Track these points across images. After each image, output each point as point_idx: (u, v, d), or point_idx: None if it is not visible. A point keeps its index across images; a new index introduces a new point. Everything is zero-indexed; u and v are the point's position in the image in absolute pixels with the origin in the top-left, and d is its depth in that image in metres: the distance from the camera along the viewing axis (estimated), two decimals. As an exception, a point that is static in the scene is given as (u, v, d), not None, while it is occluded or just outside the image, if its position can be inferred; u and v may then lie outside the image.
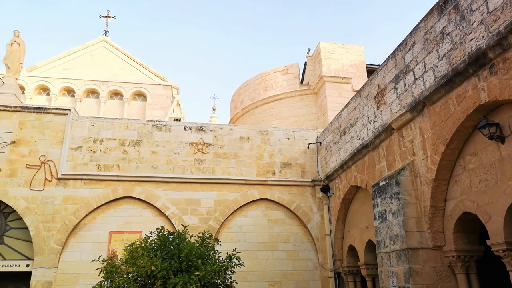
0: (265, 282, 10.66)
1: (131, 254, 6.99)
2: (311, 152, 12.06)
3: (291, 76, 18.36)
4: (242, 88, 20.62)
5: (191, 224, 10.26)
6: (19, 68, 12.18)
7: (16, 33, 12.31)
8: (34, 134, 10.67)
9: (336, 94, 16.44)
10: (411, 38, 7.15)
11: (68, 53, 20.24)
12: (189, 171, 11.18)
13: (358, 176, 9.42)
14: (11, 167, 10.28)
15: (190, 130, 11.64)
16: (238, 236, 11.00)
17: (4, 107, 10.69)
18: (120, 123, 11.35)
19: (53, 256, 9.82)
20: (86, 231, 10.30)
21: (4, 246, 10.01)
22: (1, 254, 9.93)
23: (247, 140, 11.85)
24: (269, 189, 11.46)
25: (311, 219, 11.38)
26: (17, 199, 10.05)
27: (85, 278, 9.68)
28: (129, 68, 20.45)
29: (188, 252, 6.87)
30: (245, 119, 20.02)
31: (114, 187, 10.67)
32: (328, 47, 17.35)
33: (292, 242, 11.21)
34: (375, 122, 8.44)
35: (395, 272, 6.76)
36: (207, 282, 6.60)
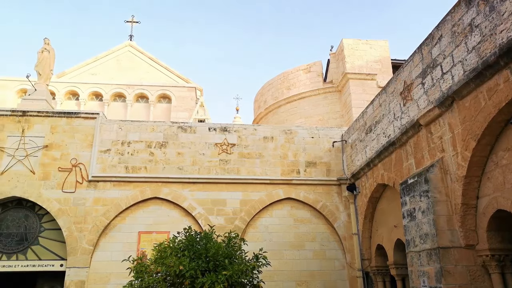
0: (292, 281, 10.62)
1: (160, 254, 7.12)
2: (336, 150, 11.93)
3: (314, 74, 18.22)
4: (265, 88, 20.63)
5: (217, 224, 10.35)
6: (49, 75, 12.62)
7: (46, 40, 12.76)
8: (65, 138, 11.03)
9: (360, 91, 16.19)
10: (438, 32, 6.96)
11: (96, 59, 20.84)
12: (214, 171, 11.29)
13: (385, 174, 9.25)
14: (44, 170, 10.67)
15: (214, 131, 11.74)
16: (264, 235, 11.02)
17: (37, 112, 11.12)
18: (147, 125, 11.58)
19: (86, 256, 10.13)
20: (116, 232, 10.57)
21: (39, 246, 10.41)
22: (37, 254, 10.33)
23: (271, 139, 11.84)
24: (294, 189, 11.42)
25: (338, 218, 11.26)
26: (51, 201, 10.42)
27: (116, 277, 9.94)
28: (154, 71, 20.85)
29: (215, 252, 6.94)
30: (268, 119, 20.02)
31: (142, 188, 10.90)
32: (352, 44, 17.11)
33: (319, 241, 11.12)
34: (401, 118, 8.26)
35: (425, 271, 6.60)
36: (234, 282, 6.64)
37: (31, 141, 10.83)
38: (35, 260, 10.23)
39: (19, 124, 10.96)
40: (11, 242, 10.33)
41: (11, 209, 10.65)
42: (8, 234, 10.39)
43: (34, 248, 10.37)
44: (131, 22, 22.17)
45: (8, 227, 10.46)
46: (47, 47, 12.63)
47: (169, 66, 21.26)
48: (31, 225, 10.56)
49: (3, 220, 10.51)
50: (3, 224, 10.46)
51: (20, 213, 10.63)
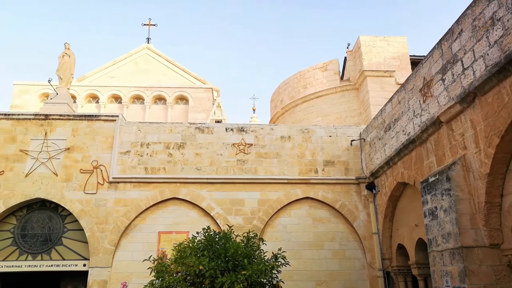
0: (312, 281, 10.57)
1: (180, 254, 7.20)
2: (354, 149, 11.81)
3: (331, 73, 18.08)
4: (282, 87, 20.59)
5: (236, 224, 10.38)
6: (70, 79, 12.91)
7: (66, 45, 13.06)
8: (86, 141, 11.27)
9: (378, 89, 15.99)
10: (458, 26, 6.80)
11: (114, 62, 21.22)
12: (232, 171, 11.33)
13: (405, 173, 9.10)
14: (67, 172, 10.93)
15: (231, 131, 11.78)
16: (282, 235, 11.00)
17: (59, 116, 11.39)
18: (165, 127, 11.72)
19: (107, 256, 10.32)
20: (136, 232, 10.73)
21: (63, 247, 10.67)
22: (61, 254, 10.59)
23: (288, 139, 11.81)
24: (312, 188, 11.35)
25: (357, 218, 11.14)
26: (73, 202, 10.67)
27: (137, 277, 10.09)
28: (171, 73, 21.08)
29: (234, 251, 6.97)
30: (285, 118, 19.97)
31: (161, 189, 11.04)
32: (369, 41, 16.91)
33: (338, 241, 11.03)
34: (421, 115, 8.12)
35: (449, 271, 6.46)
36: (253, 282, 6.66)
37: (54, 144, 11.11)
38: (59, 260, 10.48)
39: (42, 127, 11.26)
40: (36, 243, 10.62)
41: (36, 210, 10.95)
42: (33, 234, 10.68)
43: (58, 248, 10.63)
44: (148, 25, 22.47)
45: (33, 228, 10.75)
46: (67, 52, 12.92)
47: (186, 68, 21.45)
48: (55, 225, 10.83)
49: (28, 221, 10.81)
50: (28, 225, 10.76)
51: (44, 214, 10.91)
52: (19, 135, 11.13)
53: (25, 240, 10.62)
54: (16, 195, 10.59)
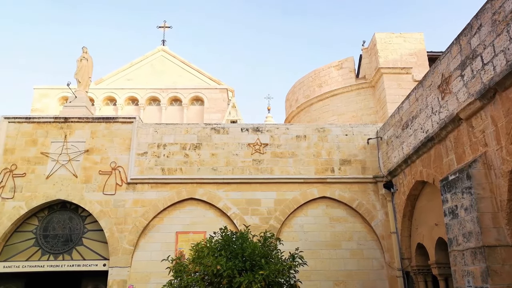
0: (330, 281, 10.50)
1: (197, 254, 7.25)
2: (371, 147, 11.68)
3: (346, 71, 17.91)
4: (296, 86, 20.52)
5: (252, 224, 10.39)
6: (88, 82, 13.16)
7: (84, 49, 13.31)
8: (104, 142, 11.46)
9: (395, 86, 15.76)
10: (477, 21, 6.65)
11: (131, 65, 21.53)
12: (247, 171, 11.35)
13: (424, 171, 8.95)
14: (86, 173, 11.13)
15: (247, 131, 11.80)
16: (299, 235, 10.96)
17: (77, 118, 11.62)
18: (181, 128, 11.81)
19: (127, 256, 10.47)
20: (154, 232, 10.86)
21: (83, 247, 10.88)
22: (81, 254, 10.80)
23: (304, 138, 11.76)
24: (329, 187, 11.28)
25: (375, 217, 11.01)
26: (92, 203, 10.86)
27: (156, 276, 10.20)
28: (187, 74, 21.25)
29: (251, 251, 6.98)
30: (300, 117, 19.89)
31: (178, 190, 11.14)
32: (385, 38, 16.68)
33: (356, 240, 10.93)
34: (440, 113, 7.97)
35: (470, 271, 6.33)
36: (271, 281, 6.66)
37: (73, 146, 11.33)
38: (80, 260, 10.69)
39: (61, 130, 11.50)
40: (57, 243, 10.86)
41: (57, 211, 11.19)
42: (55, 235, 10.92)
43: (78, 249, 10.84)
44: (163, 27, 22.71)
45: (54, 228, 11.00)
46: (85, 56, 13.17)
47: (200, 69, 21.61)
48: (75, 226, 11.05)
49: (50, 222, 11.06)
50: (50, 226, 11.01)
51: (65, 215, 11.15)
52: (39, 138, 11.40)
53: (47, 240, 10.87)
54: (38, 196, 10.84)
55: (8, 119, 11.50)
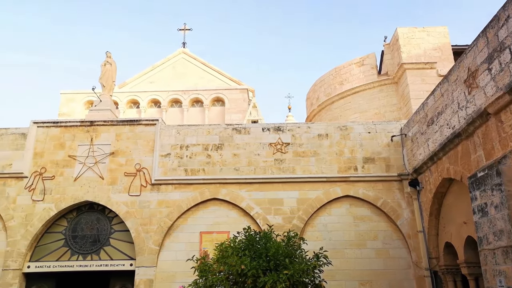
0: (355, 281, 10.37)
1: (221, 254, 7.30)
2: (395, 145, 11.46)
3: (368, 67, 17.66)
4: (317, 85, 20.37)
5: (276, 224, 10.38)
6: (112, 86, 13.45)
7: (108, 54, 13.61)
8: (129, 145, 11.70)
9: (419, 82, 15.43)
10: (505, 12, 6.42)
11: (152, 68, 21.91)
12: (269, 171, 11.35)
13: (451, 168, 8.72)
14: (112, 175, 11.39)
15: (268, 131, 11.80)
16: (323, 234, 10.87)
17: (103, 122, 11.91)
18: (203, 129, 11.92)
19: (152, 256, 10.65)
20: (179, 232, 11.00)
21: (111, 247, 11.13)
22: (109, 254, 11.06)
23: (326, 137, 11.66)
24: (352, 186, 11.14)
25: (400, 216, 10.80)
26: (119, 205, 11.10)
27: (181, 276, 10.33)
28: (207, 76, 21.44)
29: (275, 251, 6.98)
30: (321, 116, 19.74)
31: (201, 190, 11.25)
32: (407, 32, 16.36)
33: (381, 239, 10.75)
34: (467, 108, 7.74)
35: (502, 270, 6.12)
36: (296, 281, 6.64)
37: (99, 149, 11.62)
38: (107, 260, 10.95)
39: (88, 133, 11.81)
40: (85, 243, 11.16)
41: (84, 212, 11.50)
42: (83, 236, 11.23)
43: (106, 249, 11.11)
44: (184, 30, 22.99)
45: (82, 229, 11.30)
46: (109, 60, 13.46)
47: (221, 70, 21.76)
48: (103, 227, 11.33)
49: (78, 223, 11.38)
50: (78, 227, 11.33)
51: (93, 216, 11.44)
52: (67, 141, 11.74)
53: (75, 241, 11.18)
54: (66, 198, 11.17)
55: (37, 123, 11.89)
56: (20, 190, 11.27)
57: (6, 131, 11.91)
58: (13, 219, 10.99)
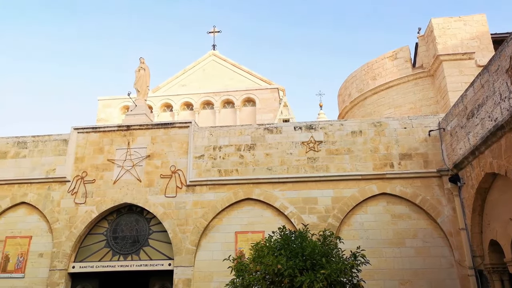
0: (395, 280, 10.10)
1: (257, 253, 7.32)
2: (433, 140, 11.07)
3: (402, 61, 17.17)
4: (349, 81, 20.03)
5: (311, 223, 10.30)
6: (146, 91, 13.83)
7: (141, 60, 14.01)
8: (164, 147, 11.98)
9: (456, 73, 14.83)
10: (550, -5, 6.04)
11: (184, 71, 22.35)
12: (303, 170, 11.27)
13: (494, 162, 8.31)
14: (149, 178, 11.71)
15: (300, 129, 11.73)
16: (360, 233, 10.67)
17: (139, 126, 12.26)
18: (235, 129, 12.02)
19: (190, 256, 10.85)
20: (214, 232, 11.14)
21: (150, 247, 11.44)
22: (148, 254, 11.37)
23: (360, 133, 11.44)
24: (388, 183, 10.87)
25: (441, 213, 10.42)
26: (156, 206, 11.39)
27: (218, 276, 10.47)
28: (238, 76, 21.61)
29: (311, 250, 6.92)
30: (354, 113, 19.39)
31: (235, 190, 11.33)
32: (442, 23, 15.77)
33: (421, 238, 10.41)
34: (510, 99, 7.35)
35: (555, 270, 5.76)
36: (333, 281, 6.55)
37: (136, 152, 11.97)
38: (147, 260, 11.26)
39: (124, 137, 12.20)
40: (126, 244, 11.53)
41: (124, 214, 11.89)
42: (123, 236, 11.61)
43: (145, 249, 11.43)
44: (213, 32, 23.28)
45: (122, 230, 11.69)
46: (142, 66, 13.85)
47: (251, 70, 21.86)
48: (141, 228, 11.66)
49: (118, 224, 11.77)
50: (118, 228, 11.72)
51: (132, 218, 11.81)
52: (105, 145, 12.18)
53: (116, 242, 11.58)
54: (107, 201, 11.59)
55: (77, 129, 12.42)
56: (63, 193, 11.81)
57: (49, 138, 12.51)
58: (58, 221, 11.53)
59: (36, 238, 11.59)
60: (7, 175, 12.19)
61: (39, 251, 11.43)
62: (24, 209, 11.98)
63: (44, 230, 11.66)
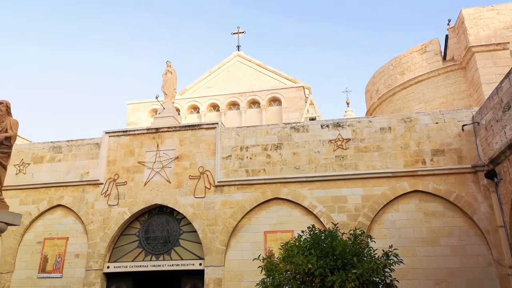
0: (429, 280, 9.81)
1: (287, 253, 7.29)
2: (466, 134, 10.68)
3: (431, 54, 16.66)
4: (376, 77, 19.63)
5: (340, 222, 10.16)
6: (174, 93, 14.06)
7: (168, 63, 14.25)
8: (192, 149, 12.14)
9: (490, 65, 14.24)
10: None
11: (209, 73, 22.59)
12: (331, 168, 11.13)
13: (533, 156, 7.92)
14: (178, 179, 11.89)
15: (327, 127, 11.59)
16: (391, 232, 10.43)
17: (167, 128, 12.48)
18: (261, 129, 12.02)
19: (220, 256, 10.94)
20: (244, 232, 11.18)
21: (181, 247, 11.62)
22: (179, 254, 11.55)
23: (389, 130, 11.19)
24: (420, 180, 10.56)
25: (477, 210, 10.03)
26: (186, 207, 11.56)
27: (248, 275, 10.50)
28: (263, 76, 21.62)
29: (342, 249, 6.82)
30: (382, 109, 18.99)
31: (263, 190, 11.34)
32: (473, 13, 15.19)
33: (456, 236, 10.06)
34: (550, 89, 6.98)
35: None
36: (365, 280, 6.43)
37: (165, 154, 12.19)
38: (178, 260, 11.44)
39: (153, 140, 12.45)
40: (157, 244, 11.76)
41: (155, 215, 12.13)
42: (155, 237, 11.84)
43: (176, 249, 11.61)
44: (237, 33, 23.40)
45: (154, 231, 11.93)
46: (169, 69, 14.09)
47: (276, 70, 21.82)
48: (172, 228, 11.86)
49: (150, 225, 12.02)
50: (150, 229, 11.97)
51: (162, 218, 12.03)
52: (136, 148, 12.47)
53: (148, 242, 11.83)
54: (138, 202, 11.86)
55: (109, 133, 12.78)
56: (97, 196, 12.19)
57: (82, 142, 12.94)
58: (92, 223, 11.91)
59: (72, 239, 12.01)
60: (44, 178, 12.70)
61: (75, 252, 11.85)
62: (60, 211, 12.45)
63: (80, 231, 12.07)
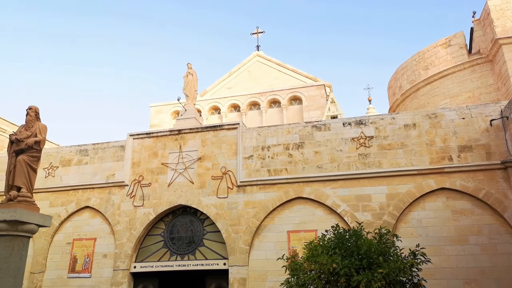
0: (459, 280, 9.55)
1: (311, 252, 7.24)
2: (495, 129, 10.34)
3: (456, 48, 16.22)
4: (399, 72, 19.27)
5: (365, 221, 10.03)
6: (195, 95, 14.21)
7: (189, 65, 14.40)
8: (214, 149, 12.23)
9: (518, 57, 13.74)
10: None
11: (229, 74, 22.71)
12: (354, 167, 10.99)
13: None
14: (201, 179, 12.01)
15: (349, 125, 11.46)
16: (418, 230, 10.21)
17: (189, 129, 12.63)
18: (282, 129, 11.99)
19: (243, 255, 10.98)
20: (267, 232, 11.19)
21: (205, 247, 11.73)
22: (203, 254, 11.66)
23: (413, 127, 10.95)
24: (447, 177, 10.30)
25: (508, 207, 9.69)
26: (209, 207, 11.66)
27: (272, 275, 10.50)
28: (283, 76, 21.57)
29: (367, 249, 6.73)
30: (406, 105, 18.62)
31: (285, 190, 11.31)
32: (499, 4, 14.70)
33: (486, 234, 9.76)
34: None
35: None
36: (392, 280, 6.32)
37: (188, 155, 12.33)
38: (202, 259, 11.55)
39: (176, 141, 12.61)
40: (182, 245, 11.91)
41: (179, 216, 12.29)
42: (179, 237, 12.00)
43: (200, 249, 11.74)
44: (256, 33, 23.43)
45: (178, 231, 12.09)
46: (190, 71, 14.24)
47: (296, 68, 21.73)
48: (196, 228, 12.00)
49: (174, 225, 12.19)
50: (174, 229, 12.14)
51: (186, 219, 12.18)
52: (159, 150, 12.67)
53: (173, 242, 12.00)
54: (163, 203, 12.05)
55: (133, 136, 13.03)
56: (122, 197, 12.45)
57: (108, 145, 13.25)
58: (119, 223, 12.17)
59: (100, 240, 12.31)
60: (71, 181, 13.08)
61: (103, 252, 12.14)
62: (88, 213, 12.78)
63: (107, 232, 12.36)
